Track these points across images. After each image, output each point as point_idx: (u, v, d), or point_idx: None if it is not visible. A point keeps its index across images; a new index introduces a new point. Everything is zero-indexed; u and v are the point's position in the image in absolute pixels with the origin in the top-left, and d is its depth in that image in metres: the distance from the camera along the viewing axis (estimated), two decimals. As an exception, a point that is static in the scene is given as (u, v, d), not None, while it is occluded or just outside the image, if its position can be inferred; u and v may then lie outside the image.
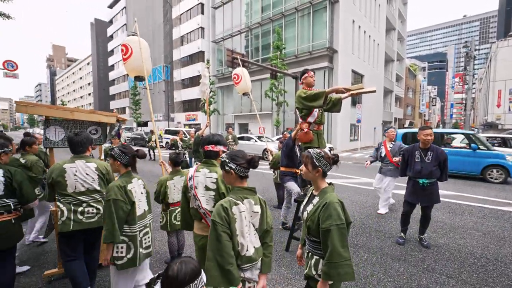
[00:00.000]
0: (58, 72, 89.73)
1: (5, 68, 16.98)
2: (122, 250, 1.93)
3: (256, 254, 1.46)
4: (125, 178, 2.02)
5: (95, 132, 3.07)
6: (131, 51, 3.06)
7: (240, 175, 1.50)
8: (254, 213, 1.48)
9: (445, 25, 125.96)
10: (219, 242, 1.34)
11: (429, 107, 57.43)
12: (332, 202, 1.48)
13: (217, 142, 1.90)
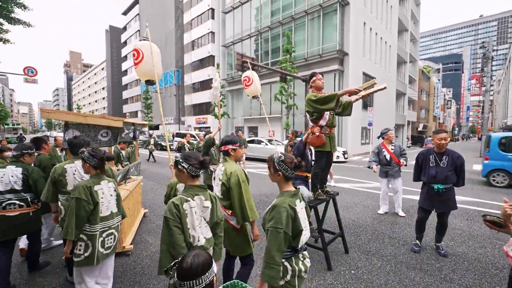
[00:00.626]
0: (74, 77, 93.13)
1: (26, 74, 17.74)
2: (80, 248, 2.01)
3: (207, 243, 1.64)
4: (93, 180, 2.10)
5: (106, 135, 3.26)
6: (142, 56, 3.11)
7: (192, 174, 1.66)
8: (205, 207, 1.64)
9: (460, 25, 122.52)
10: (171, 236, 1.50)
11: (444, 110, 55.74)
12: (279, 206, 1.50)
13: (226, 142, 2.26)
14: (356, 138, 19.47)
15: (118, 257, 3.20)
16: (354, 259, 3.19)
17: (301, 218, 1.55)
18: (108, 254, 2.17)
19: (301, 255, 1.60)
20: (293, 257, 1.54)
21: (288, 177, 1.61)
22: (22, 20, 7.25)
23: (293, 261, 1.53)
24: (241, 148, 2.32)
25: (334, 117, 3.24)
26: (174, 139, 20.42)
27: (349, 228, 4.22)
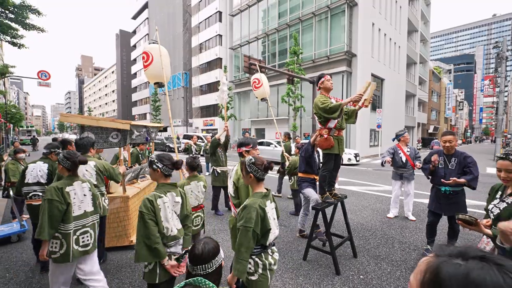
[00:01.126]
0: (85, 81, 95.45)
1: (39, 77, 18.29)
2: (56, 246, 2.11)
3: (178, 233, 1.84)
4: (65, 181, 2.20)
5: (116, 137, 3.44)
6: (152, 58, 3.16)
7: (165, 173, 1.85)
8: (176, 202, 1.86)
9: (472, 25, 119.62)
10: (146, 228, 1.69)
11: (456, 111, 54.42)
12: (249, 206, 1.61)
13: (239, 144, 2.44)
14: (365, 140, 19.22)
15: (126, 250, 3.48)
16: (363, 264, 3.13)
17: (270, 218, 1.67)
18: (86, 251, 2.23)
19: (270, 250, 1.76)
20: (262, 253, 1.70)
21: (259, 179, 1.73)
22: (36, 26, 7.49)
23: (262, 256, 1.68)
24: (254, 149, 2.42)
25: (343, 120, 3.20)
26: (180, 141, 20.64)
27: (358, 232, 4.14)
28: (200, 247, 1.16)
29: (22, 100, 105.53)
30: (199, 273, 1.13)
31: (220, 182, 5.06)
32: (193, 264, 1.14)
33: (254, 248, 1.64)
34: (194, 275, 1.12)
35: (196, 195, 2.89)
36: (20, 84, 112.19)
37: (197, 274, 1.13)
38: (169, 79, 3.34)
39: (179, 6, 35.52)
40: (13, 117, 31.82)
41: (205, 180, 3.07)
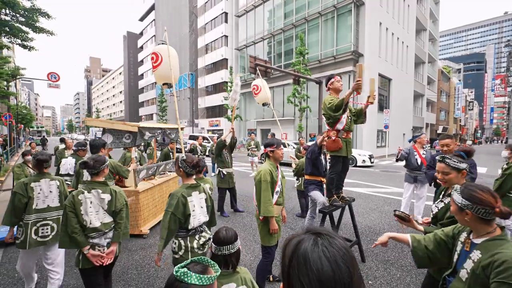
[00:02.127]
0: (94, 82, 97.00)
1: (49, 79, 18.63)
2: (19, 233, 2.40)
3: (103, 226, 2.00)
4: (33, 178, 2.47)
5: (128, 138, 3.88)
6: (161, 59, 3.17)
7: (91, 173, 2.08)
8: (102, 199, 2.02)
9: (483, 23, 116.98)
10: (66, 219, 1.91)
11: (466, 111, 53.28)
12: (173, 194, 1.99)
13: (265, 145, 2.54)
14: (372, 141, 18.97)
15: (135, 238, 3.92)
16: (371, 269, 3.06)
17: (192, 205, 2.00)
18: (44, 242, 2.43)
19: (197, 236, 2.06)
20: (188, 237, 2.01)
21: (188, 173, 2.10)
22: (46, 29, 7.63)
23: (187, 239, 2.00)
24: (278, 149, 2.51)
25: (351, 122, 3.14)
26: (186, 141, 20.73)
27: (366, 235, 4.06)
28: (224, 232, 1.39)
29: (32, 101, 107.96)
30: (224, 253, 1.34)
31: (226, 183, 5.03)
32: (219, 245, 1.35)
33: (180, 231, 1.99)
34: (220, 256, 1.34)
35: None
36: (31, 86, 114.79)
37: (222, 254, 1.34)
38: (177, 80, 3.35)
39: (185, 7, 35.78)
40: (24, 118, 32.58)
41: (212, 182, 3.04)
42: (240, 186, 7.32)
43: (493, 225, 1.20)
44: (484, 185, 1.25)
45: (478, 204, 1.17)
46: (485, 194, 1.18)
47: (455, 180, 1.75)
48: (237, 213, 5.17)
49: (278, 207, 2.54)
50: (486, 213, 1.15)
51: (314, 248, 0.55)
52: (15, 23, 7.10)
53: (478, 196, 1.18)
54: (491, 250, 1.12)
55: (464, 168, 1.74)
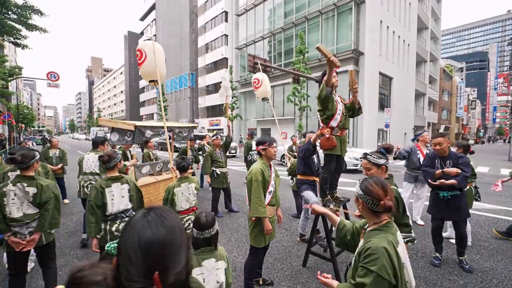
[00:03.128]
0: (95, 82, 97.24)
1: (49, 78, 18.61)
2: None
3: (24, 217, 2.17)
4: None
5: (129, 136, 4.16)
6: (145, 56, 3.07)
7: (19, 167, 2.19)
8: (26, 192, 2.16)
9: (486, 22, 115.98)
10: None
11: (468, 110, 52.87)
12: (93, 186, 2.33)
13: (257, 143, 2.48)
14: (372, 140, 18.80)
15: None
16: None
17: (111, 195, 2.29)
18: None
19: (118, 221, 2.34)
20: (108, 221, 2.32)
21: (108, 167, 2.35)
22: (39, 27, 7.54)
23: (108, 224, 2.31)
24: (271, 147, 2.41)
25: (346, 119, 3.03)
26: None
27: (362, 236, 3.94)
28: (204, 218, 1.48)
29: (35, 101, 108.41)
30: (206, 236, 1.46)
31: (219, 183, 4.93)
32: (201, 230, 1.46)
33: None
34: (201, 238, 1.46)
35: (187, 197, 2.76)
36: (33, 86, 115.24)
37: (204, 238, 1.46)
38: (163, 77, 3.25)
39: (185, 7, 35.70)
40: (25, 117, 32.67)
41: (198, 182, 2.94)
42: (237, 186, 7.22)
43: (380, 217, 1.25)
44: (382, 179, 1.31)
45: (368, 195, 1.25)
46: (377, 187, 1.25)
47: (376, 175, 1.80)
48: (231, 214, 5.07)
49: (271, 207, 2.45)
50: (374, 204, 1.23)
51: (141, 217, 0.66)
52: (7, 20, 7.02)
53: (369, 188, 1.26)
54: (368, 239, 1.20)
55: (382, 163, 1.81)
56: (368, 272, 1.07)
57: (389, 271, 1.06)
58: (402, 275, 1.11)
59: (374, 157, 1.86)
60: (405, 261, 1.18)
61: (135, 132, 4.12)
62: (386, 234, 1.19)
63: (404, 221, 1.78)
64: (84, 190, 3.74)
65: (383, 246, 1.10)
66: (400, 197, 1.79)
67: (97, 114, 68.88)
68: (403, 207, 1.80)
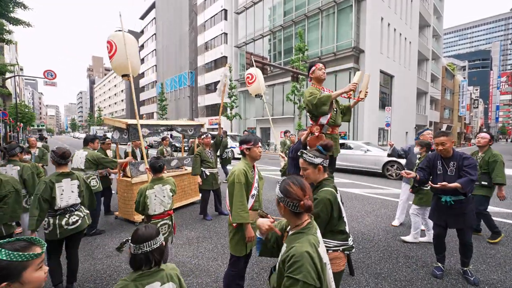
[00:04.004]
0: (96, 81, 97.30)
1: (45, 77, 18.42)
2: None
3: None
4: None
5: (126, 134, 4.40)
6: (116, 48, 2.81)
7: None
8: None
9: (488, 20, 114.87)
10: None
11: (470, 109, 52.31)
12: (42, 180, 2.38)
13: (240, 142, 2.27)
14: (373, 140, 18.48)
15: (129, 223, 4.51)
16: (360, 283, 2.68)
17: (60, 190, 2.36)
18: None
19: (68, 215, 2.41)
20: (57, 216, 2.36)
21: (57, 163, 2.43)
22: (22, 20, 7.31)
23: (56, 218, 2.35)
24: (256, 147, 2.20)
25: (337, 115, 2.77)
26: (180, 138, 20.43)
27: (358, 243, 3.68)
28: (143, 228, 1.28)
29: (36, 100, 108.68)
30: (146, 250, 1.22)
31: (209, 185, 4.67)
32: (138, 243, 1.23)
33: (49, 211, 2.33)
34: (141, 254, 1.22)
35: (161, 200, 2.51)
36: (34, 85, 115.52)
37: (143, 252, 1.22)
38: (137, 71, 3.00)
39: (185, 5, 35.44)
40: (24, 116, 32.55)
41: (174, 183, 2.69)
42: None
43: (302, 218, 1.20)
44: (300, 179, 1.25)
45: (288, 197, 1.18)
46: (295, 187, 1.18)
47: (312, 175, 1.69)
48: (221, 217, 4.82)
49: (254, 212, 2.21)
50: (294, 206, 1.16)
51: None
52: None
53: (288, 189, 1.19)
54: (290, 244, 1.15)
55: (318, 163, 1.66)
56: (295, 281, 1.04)
57: (314, 275, 1.04)
58: (325, 275, 1.11)
59: (310, 156, 1.67)
60: (326, 260, 1.17)
61: (129, 130, 4.38)
62: (307, 236, 1.15)
63: (339, 227, 1.58)
64: None
65: (306, 251, 1.07)
66: (335, 200, 1.57)
67: (98, 113, 68.85)
68: (339, 211, 1.59)
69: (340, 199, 1.66)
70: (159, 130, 5.02)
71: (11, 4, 6.69)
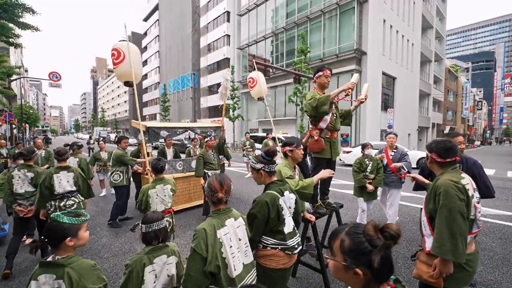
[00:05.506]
0: (100, 82, 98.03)
1: (50, 78, 18.66)
2: None
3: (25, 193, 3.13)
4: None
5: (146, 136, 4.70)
6: (124, 56, 2.93)
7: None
8: (26, 175, 3.13)
9: (492, 21, 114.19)
10: None
11: (474, 111, 52.00)
12: (43, 172, 3.16)
13: (283, 144, 2.35)
14: (374, 142, 18.49)
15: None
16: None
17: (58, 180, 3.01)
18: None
19: (65, 199, 3.07)
20: (57, 199, 3.03)
21: (59, 160, 3.14)
22: (30, 25, 7.50)
23: (57, 201, 3.03)
24: (298, 149, 2.27)
25: (337, 120, 2.84)
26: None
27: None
28: (151, 213, 1.66)
29: (41, 101, 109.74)
30: (155, 228, 1.57)
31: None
32: (149, 223, 1.58)
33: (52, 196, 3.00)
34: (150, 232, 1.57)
35: (162, 199, 2.63)
36: (39, 86, 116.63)
37: (152, 231, 1.57)
38: (139, 79, 3.12)
39: (188, 7, 35.71)
40: (29, 117, 32.94)
41: (174, 183, 2.80)
42: (233, 188, 7.04)
43: (218, 206, 1.51)
44: (224, 177, 1.54)
45: (209, 188, 1.49)
46: (216, 181, 1.49)
47: (257, 179, 1.88)
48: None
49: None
50: (212, 195, 1.48)
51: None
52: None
53: (210, 182, 1.50)
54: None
55: (259, 168, 1.82)
56: (191, 249, 1.37)
57: (203, 246, 1.35)
58: (215, 250, 1.36)
59: (253, 161, 1.87)
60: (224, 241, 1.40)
61: (149, 132, 4.70)
62: (212, 220, 1.45)
63: (278, 228, 1.73)
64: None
65: (203, 228, 1.39)
66: (273, 203, 1.70)
67: (101, 114, 69.39)
68: (277, 213, 1.71)
69: (284, 202, 1.78)
70: (178, 132, 5.43)
71: (20, 10, 6.91)
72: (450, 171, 1.66)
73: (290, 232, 1.77)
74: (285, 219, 1.76)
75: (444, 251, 1.50)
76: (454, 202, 1.51)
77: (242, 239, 1.52)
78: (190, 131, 5.92)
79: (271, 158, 1.84)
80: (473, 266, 1.61)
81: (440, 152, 1.68)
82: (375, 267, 0.74)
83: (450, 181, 1.56)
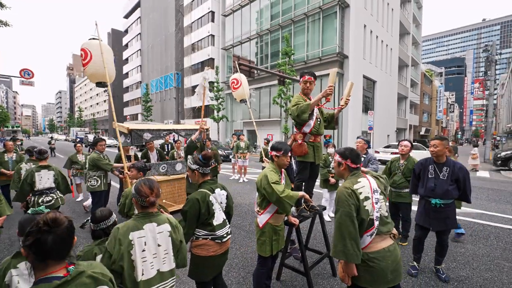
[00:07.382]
0: (77, 80, 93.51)
1: (22, 76, 17.55)
2: None
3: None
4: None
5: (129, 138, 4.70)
6: (91, 56, 2.82)
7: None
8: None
9: (463, 29, 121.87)
10: None
11: (447, 113, 55.07)
12: (27, 170, 3.39)
13: (271, 148, 2.35)
14: (356, 143, 19.08)
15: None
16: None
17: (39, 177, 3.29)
18: None
19: (44, 196, 3.32)
20: (36, 195, 3.29)
21: (40, 159, 3.44)
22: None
23: (36, 197, 3.28)
24: (285, 157, 2.26)
25: (320, 124, 2.88)
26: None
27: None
28: (99, 212, 1.70)
29: (11, 99, 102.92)
30: (102, 227, 1.66)
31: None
32: (97, 223, 1.66)
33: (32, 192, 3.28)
34: (99, 230, 1.67)
35: None
36: (9, 83, 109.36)
37: (100, 229, 1.66)
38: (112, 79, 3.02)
39: (171, 5, 35.01)
40: (-3, 117, 30.80)
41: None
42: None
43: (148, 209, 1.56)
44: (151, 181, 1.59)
45: (138, 194, 1.52)
46: (145, 186, 1.53)
47: (192, 177, 2.07)
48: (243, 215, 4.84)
49: (280, 215, 2.35)
50: (142, 201, 1.52)
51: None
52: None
53: (139, 188, 1.53)
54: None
55: (194, 168, 2.00)
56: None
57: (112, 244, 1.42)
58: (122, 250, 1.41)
59: (190, 162, 2.01)
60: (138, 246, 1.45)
61: (132, 135, 4.57)
62: (131, 221, 1.51)
63: (208, 221, 1.94)
64: None
65: (117, 226, 1.48)
66: (204, 199, 1.91)
67: (79, 114, 66.28)
68: (207, 208, 1.92)
69: (215, 198, 1.99)
70: (162, 134, 5.31)
71: (-13, 3, 6.42)
72: (351, 177, 1.80)
73: (219, 224, 1.97)
74: (215, 213, 1.95)
75: (336, 252, 1.65)
76: (344, 207, 1.64)
77: (163, 245, 1.55)
78: (175, 133, 5.71)
79: (207, 161, 2.01)
80: (379, 263, 1.63)
81: (353, 159, 1.80)
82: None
83: (343, 188, 1.72)
